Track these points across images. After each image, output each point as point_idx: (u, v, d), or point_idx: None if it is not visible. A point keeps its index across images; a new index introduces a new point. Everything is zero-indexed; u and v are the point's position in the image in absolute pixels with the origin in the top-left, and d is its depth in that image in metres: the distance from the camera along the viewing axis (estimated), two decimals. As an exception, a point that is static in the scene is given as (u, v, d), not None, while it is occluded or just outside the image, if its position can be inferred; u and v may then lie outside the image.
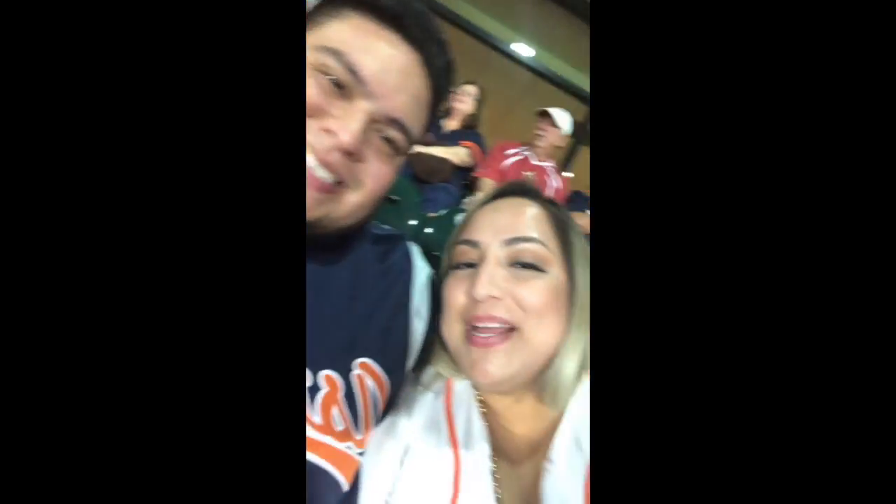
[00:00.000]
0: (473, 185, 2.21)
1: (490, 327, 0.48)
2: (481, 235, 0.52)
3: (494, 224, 0.53)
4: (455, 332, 0.51)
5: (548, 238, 0.52)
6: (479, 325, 0.48)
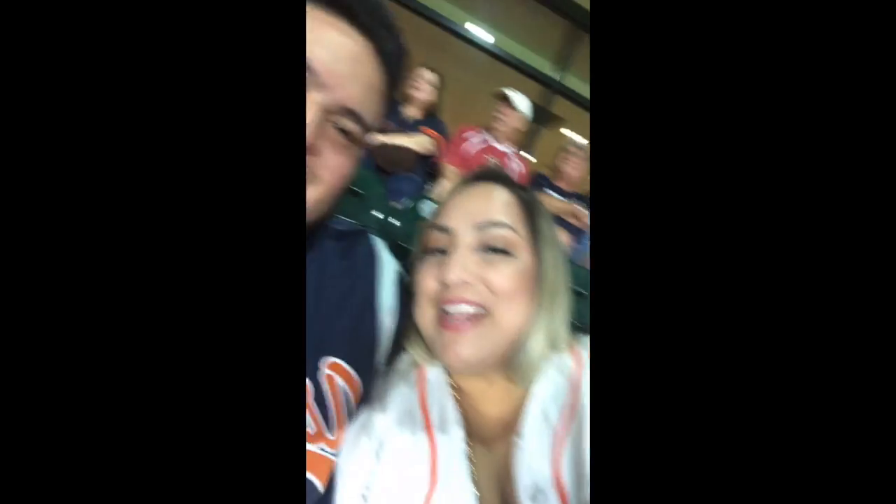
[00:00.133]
0: (437, 173, 2.19)
1: (461, 311, 0.49)
2: (452, 221, 0.53)
3: (465, 210, 0.53)
4: (427, 317, 0.52)
5: (517, 222, 0.53)
6: (451, 310, 0.49)
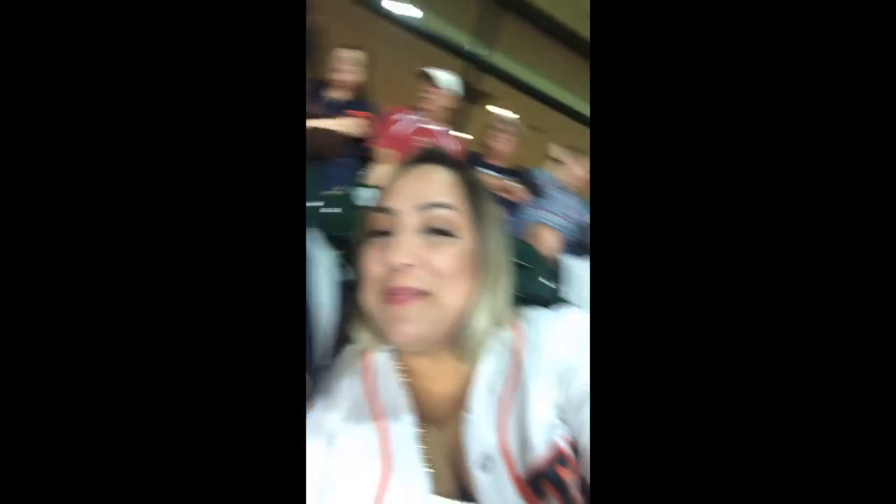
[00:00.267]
0: (370, 157, 2.13)
1: (406, 290, 0.49)
2: (395, 202, 0.52)
3: (408, 191, 0.53)
4: (372, 300, 0.52)
5: (459, 202, 0.53)
6: (395, 293, 0.49)
